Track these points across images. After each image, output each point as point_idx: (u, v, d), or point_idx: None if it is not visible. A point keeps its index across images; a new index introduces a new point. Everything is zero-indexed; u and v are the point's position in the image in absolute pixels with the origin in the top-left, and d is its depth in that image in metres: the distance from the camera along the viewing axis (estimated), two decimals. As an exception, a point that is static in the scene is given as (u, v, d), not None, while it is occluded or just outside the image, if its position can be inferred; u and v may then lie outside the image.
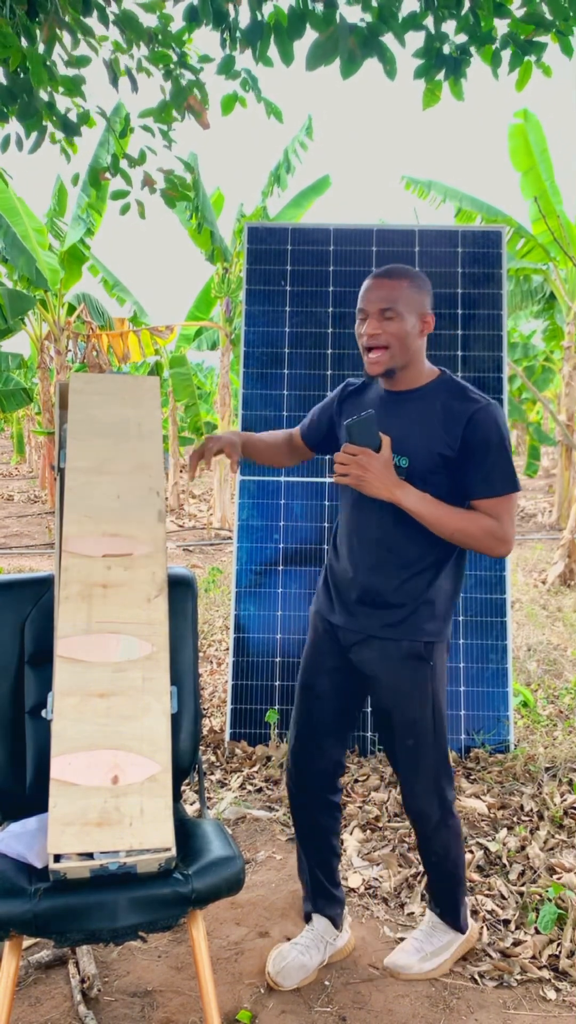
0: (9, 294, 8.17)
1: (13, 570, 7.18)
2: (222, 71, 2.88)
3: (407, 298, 1.76)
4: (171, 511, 12.31)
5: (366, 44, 2.51)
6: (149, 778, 1.55)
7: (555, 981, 2.03)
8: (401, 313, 1.75)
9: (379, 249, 3.51)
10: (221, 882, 1.59)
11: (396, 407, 1.84)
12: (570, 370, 8.68)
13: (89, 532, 1.73)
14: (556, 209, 7.88)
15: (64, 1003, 1.93)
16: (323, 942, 2.06)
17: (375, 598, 1.86)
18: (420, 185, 8.49)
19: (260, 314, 3.50)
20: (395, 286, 1.76)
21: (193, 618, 1.99)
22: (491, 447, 1.75)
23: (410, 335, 1.77)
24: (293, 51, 2.62)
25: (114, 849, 1.48)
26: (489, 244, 3.51)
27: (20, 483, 17.10)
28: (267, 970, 2.01)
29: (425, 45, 2.63)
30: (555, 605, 6.16)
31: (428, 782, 1.93)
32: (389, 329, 1.76)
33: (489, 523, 1.76)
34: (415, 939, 2.09)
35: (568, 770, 3.12)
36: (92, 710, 1.59)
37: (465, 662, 3.34)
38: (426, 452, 1.77)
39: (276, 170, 9.16)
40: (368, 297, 1.77)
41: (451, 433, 1.76)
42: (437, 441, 1.77)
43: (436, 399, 1.81)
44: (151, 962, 2.08)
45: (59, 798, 1.50)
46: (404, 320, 1.76)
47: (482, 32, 2.56)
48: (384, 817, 2.79)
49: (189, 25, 2.69)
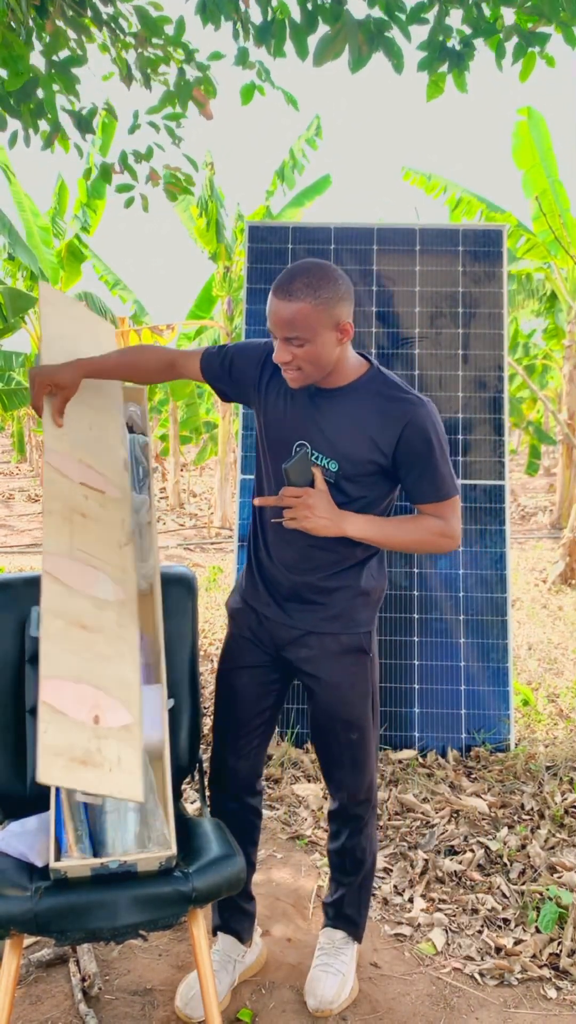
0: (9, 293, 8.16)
1: (14, 569, 7.18)
2: (238, 62, 2.91)
3: (313, 322, 1.57)
4: (171, 510, 12.30)
5: (373, 39, 2.51)
6: (124, 727, 1.51)
7: (556, 980, 2.03)
8: (307, 338, 1.59)
9: (379, 247, 3.51)
10: (222, 881, 1.59)
11: (324, 404, 1.72)
12: (571, 369, 8.68)
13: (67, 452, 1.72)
14: (558, 208, 7.87)
15: (65, 1001, 1.93)
16: (230, 961, 1.96)
17: (309, 595, 1.81)
18: (421, 175, 8.47)
19: (261, 313, 3.50)
20: (296, 311, 1.56)
21: (193, 617, 1.99)
22: (432, 452, 1.69)
23: (323, 354, 1.62)
24: (308, 45, 2.63)
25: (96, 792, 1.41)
26: (490, 243, 3.51)
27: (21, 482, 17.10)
28: (176, 1004, 1.89)
29: (429, 38, 2.64)
30: (556, 604, 6.16)
31: (369, 778, 1.91)
32: (299, 354, 1.61)
33: (436, 524, 1.73)
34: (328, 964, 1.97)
35: (569, 769, 3.12)
36: (77, 640, 1.54)
37: (466, 661, 3.34)
38: (357, 457, 1.70)
39: (282, 168, 9.15)
40: (272, 320, 1.61)
41: (385, 438, 1.69)
42: (369, 446, 1.69)
43: (367, 398, 1.71)
44: (152, 960, 2.08)
45: (49, 724, 1.42)
46: (314, 343, 1.60)
47: (487, 23, 2.56)
48: (384, 816, 2.79)
49: (203, 19, 2.70)
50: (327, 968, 1.95)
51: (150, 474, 2.01)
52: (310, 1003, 1.91)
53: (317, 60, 2.55)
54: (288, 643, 1.85)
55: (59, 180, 10.62)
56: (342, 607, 1.81)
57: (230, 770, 1.92)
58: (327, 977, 1.93)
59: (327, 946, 2.01)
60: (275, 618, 1.84)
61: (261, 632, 1.87)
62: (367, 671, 1.86)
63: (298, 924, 2.25)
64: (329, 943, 2.01)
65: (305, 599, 1.82)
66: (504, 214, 8.14)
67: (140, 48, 2.93)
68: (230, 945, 1.99)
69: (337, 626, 1.82)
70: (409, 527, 1.75)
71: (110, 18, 2.86)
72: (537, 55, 2.61)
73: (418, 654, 3.34)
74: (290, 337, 1.59)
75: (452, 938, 2.19)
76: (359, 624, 1.83)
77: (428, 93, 2.82)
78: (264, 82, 3.03)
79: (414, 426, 1.67)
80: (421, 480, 1.72)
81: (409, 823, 2.74)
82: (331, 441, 1.71)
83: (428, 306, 3.49)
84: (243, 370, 1.82)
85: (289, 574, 1.81)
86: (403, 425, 1.67)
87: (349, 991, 1.95)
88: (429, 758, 3.21)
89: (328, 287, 1.58)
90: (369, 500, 1.75)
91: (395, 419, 1.68)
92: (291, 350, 1.61)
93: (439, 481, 1.72)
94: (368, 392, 1.71)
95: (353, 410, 1.71)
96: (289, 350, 1.61)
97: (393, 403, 1.69)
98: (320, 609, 1.81)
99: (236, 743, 1.91)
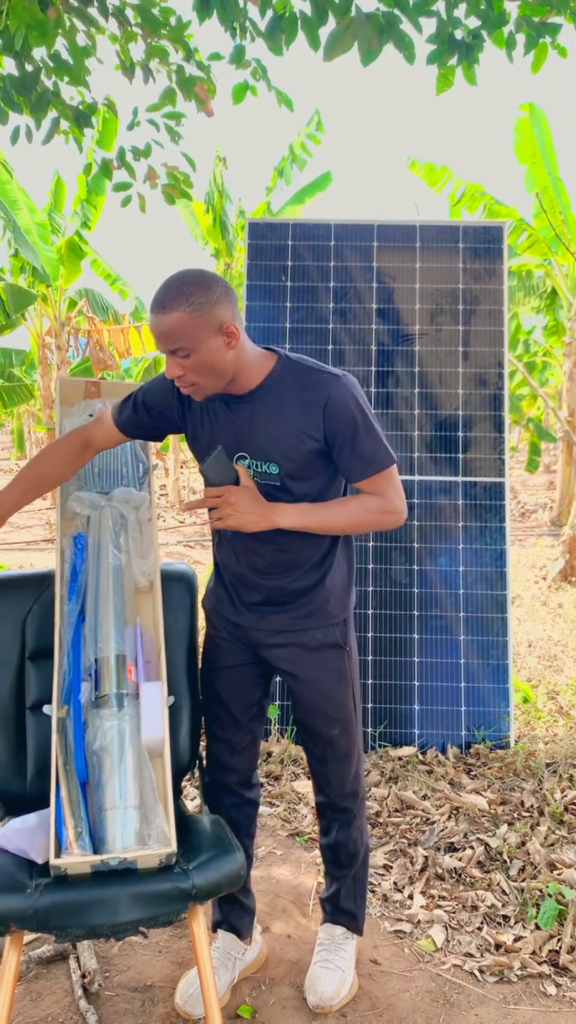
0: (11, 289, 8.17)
1: (15, 566, 7.18)
2: (234, 60, 2.89)
3: (192, 330, 1.53)
4: (172, 507, 12.31)
5: (383, 32, 2.51)
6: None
7: (555, 977, 2.04)
8: (192, 347, 1.54)
9: (380, 244, 3.51)
10: (221, 878, 1.59)
11: (245, 410, 1.68)
12: (571, 366, 8.67)
13: None
14: (559, 204, 7.86)
15: (65, 998, 1.93)
16: (230, 959, 1.96)
17: (279, 597, 1.81)
18: (426, 165, 8.43)
19: (261, 309, 3.50)
20: (173, 321, 1.52)
21: (193, 614, 1.99)
22: (356, 425, 1.65)
23: (214, 361, 1.57)
24: (319, 38, 2.62)
25: None
26: (491, 239, 3.50)
27: (21, 479, 17.08)
28: (175, 1001, 1.90)
29: (437, 30, 2.62)
30: (556, 601, 6.17)
31: (355, 769, 1.92)
32: (188, 366, 1.57)
33: (375, 502, 1.69)
34: (328, 960, 1.98)
35: (569, 766, 3.12)
36: None
37: (466, 658, 3.34)
38: (293, 451, 1.66)
39: (281, 165, 9.14)
40: (154, 337, 1.55)
41: (311, 423, 1.64)
42: (299, 436, 1.65)
43: (283, 390, 1.66)
44: (152, 957, 2.08)
45: None
46: (199, 351, 1.55)
47: (495, 16, 2.55)
48: (384, 813, 2.79)
49: (200, 16, 2.69)
50: (327, 964, 1.96)
51: (150, 471, 2.01)
52: (310, 999, 1.92)
53: (327, 55, 2.54)
54: (263, 645, 1.85)
55: (56, 176, 10.60)
56: (312, 606, 1.81)
57: (226, 766, 1.93)
58: (327, 973, 1.94)
59: (327, 942, 2.01)
60: (247, 624, 1.84)
61: (237, 634, 1.87)
62: (345, 664, 1.86)
63: (298, 921, 2.25)
64: (329, 939, 2.01)
65: (275, 602, 1.81)
66: (509, 208, 8.13)
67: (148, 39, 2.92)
68: (230, 942, 1.99)
69: (309, 623, 1.81)
70: (344, 508, 1.70)
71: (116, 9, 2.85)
72: (549, 46, 2.60)
73: (418, 651, 3.34)
74: (173, 349, 1.55)
75: (452, 935, 2.20)
76: (330, 617, 1.82)
77: (438, 86, 2.80)
78: (259, 81, 3.02)
79: (334, 402, 1.63)
80: (352, 457, 1.67)
81: (409, 820, 2.75)
82: (263, 445, 1.68)
83: (428, 303, 3.48)
84: (160, 405, 1.77)
85: (259, 578, 1.80)
86: (323, 404, 1.63)
87: (349, 987, 1.96)
88: (429, 755, 3.21)
89: (200, 292, 1.53)
90: (316, 495, 1.72)
91: (314, 401, 1.64)
92: (179, 362, 1.56)
93: (368, 454, 1.67)
94: (282, 385, 1.67)
95: (273, 407, 1.66)
96: (178, 363, 1.56)
97: (309, 387, 1.65)
98: (291, 609, 1.81)
99: (230, 740, 1.91)
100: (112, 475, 1.97)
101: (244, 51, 2.87)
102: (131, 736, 1.68)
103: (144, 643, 1.81)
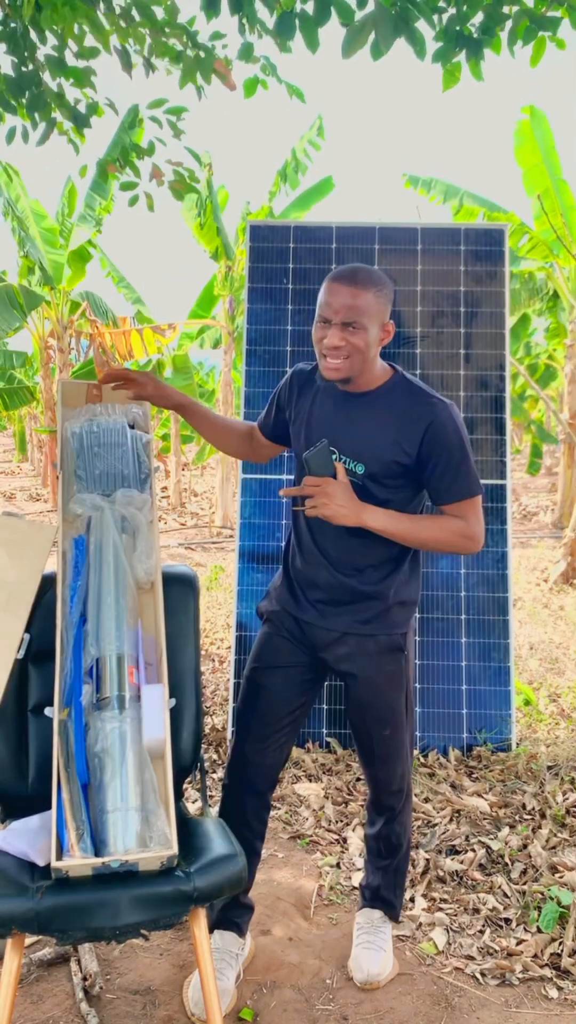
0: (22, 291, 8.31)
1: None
2: (242, 57, 2.89)
3: (372, 310, 1.68)
4: (173, 509, 12.31)
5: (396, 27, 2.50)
6: None
7: (557, 980, 2.03)
8: (365, 326, 1.68)
9: (381, 247, 3.51)
10: (223, 880, 1.59)
11: (351, 409, 1.80)
12: (573, 368, 8.67)
13: None
14: (561, 206, 7.86)
15: (66, 1001, 1.93)
16: (232, 956, 1.98)
17: (347, 596, 1.86)
18: (421, 182, 8.47)
19: (262, 312, 3.50)
20: (361, 296, 1.66)
21: (195, 616, 1.99)
22: (454, 452, 1.75)
23: (371, 347, 1.72)
24: (319, 38, 2.62)
25: None
26: (492, 242, 3.51)
27: (22, 481, 17.12)
28: (188, 1009, 1.89)
29: (445, 27, 2.62)
30: (557, 603, 6.16)
31: (403, 769, 1.98)
32: (352, 341, 1.69)
33: (458, 525, 1.78)
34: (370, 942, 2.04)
35: (570, 768, 3.12)
36: None
37: (467, 660, 3.34)
38: (383, 458, 1.76)
39: (284, 168, 9.14)
40: (332, 305, 1.68)
41: (409, 439, 1.74)
42: (394, 448, 1.75)
43: (392, 402, 1.78)
44: (153, 960, 2.08)
45: None
46: (368, 332, 1.69)
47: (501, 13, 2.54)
48: (386, 815, 2.79)
49: (208, 14, 2.69)
50: (370, 945, 2.03)
51: (152, 473, 2.01)
52: (357, 977, 1.99)
53: (346, 51, 2.53)
54: (327, 644, 1.90)
55: (68, 182, 10.60)
56: (379, 609, 1.86)
57: (255, 766, 1.95)
58: (371, 953, 2.02)
59: (366, 925, 2.08)
60: (313, 621, 1.90)
61: (299, 634, 1.92)
62: (402, 668, 1.92)
63: (299, 924, 2.25)
64: (368, 922, 2.08)
65: (342, 602, 1.87)
66: (508, 214, 8.13)
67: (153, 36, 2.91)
68: (230, 941, 2.00)
69: (374, 627, 1.87)
70: (429, 524, 1.79)
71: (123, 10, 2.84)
72: (548, 39, 2.59)
73: (420, 654, 3.33)
74: (348, 322, 1.67)
75: (453, 938, 2.19)
76: (395, 626, 1.89)
77: (444, 83, 2.80)
78: (269, 76, 3.01)
79: (437, 426, 1.73)
80: (443, 479, 1.76)
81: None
82: (357, 444, 1.78)
83: (430, 305, 3.48)
84: (282, 398, 1.95)
85: (328, 575, 1.86)
86: (426, 425, 1.73)
87: (391, 966, 2.04)
88: (431, 757, 3.21)
89: (385, 286, 1.72)
90: (394, 503, 1.80)
91: (418, 420, 1.74)
92: (345, 335, 1.68)
93: (460, 480, 1.77)
94: (393, 396, 1.78)
95: (379, 414, 1.77)
96: (344, 335, 1.68)
97: (417, 406, 1.76)
98: (354, 611, 1.87)
99: (265, 741, 1.94)
100: (113, 477, 1.97)
101: (252, 47, 2.87)
102: (132, 738, 1.68)
103: (145, 645, 1.81)
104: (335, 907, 2.33)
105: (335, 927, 2.24)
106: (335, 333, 1.68)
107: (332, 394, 1.83)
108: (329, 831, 2.73)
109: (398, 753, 1.96)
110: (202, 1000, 1.86)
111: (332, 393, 1.83)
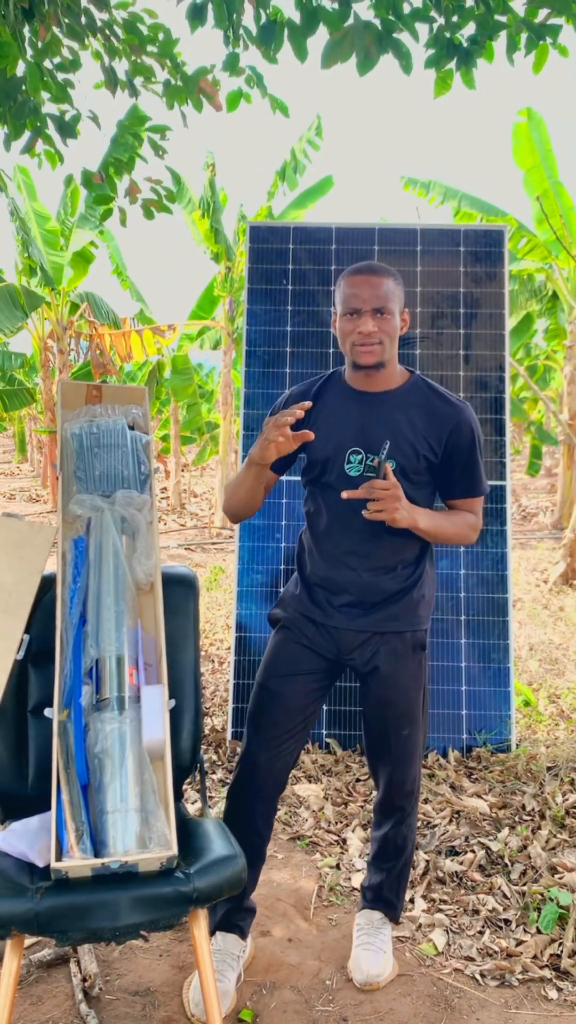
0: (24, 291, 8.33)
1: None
2: (227, 68, 2.87)
3: (395, 296, 1.80)
4: (173, 510, 12.31)
5: (381, 41, 2.51)
6: None
7: (556, 981, 2.03)
8: (392, 311, 1.80)
9: (381, 248, 3.51)
10: (223, 881, 1.59)
11: (375, 408, 1.87)
12: (572, 369, 8.67)
13: None
14: (559, 208, 7.86)
15: (66, 1002, 1.93)
16: (234, 958, 1.97)
17: (377, 596, 1.89)
18: (419, 185, 8.47)
19: (262, 313, 3.50)
20: (383, 283, 1.78)
21: (194, 617, 1.99)
22: (473, 451, 1.87)
23: (397, 331, 1.83)
24: (307, 48, 2.62)
25: None
26: (491, 243, 3.51)
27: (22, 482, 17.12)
28: (188, 1010, 1.88)
29: (435, 35, 2.63)
30: (557, 604, 6.16)
31: (416, 770, 1.99)
32: (383, 327, 1.79)
33: (471, 519, 1.90)
34: (370, 943, 2.04)
35: (570, 769, 3.12)
36: None
37: (467, 661, 3.34)
38: (412, 454, 1.84)
39: (283, 169, 9.14)
40: (361, 296, 1.78)
41: (435, 437, 1.84)
42: (421, 444, 1.84)
43: (416, 401, 1.87)
44: (152, 961, 2.08)
45: None
46: (394, 317, 1.81)
47: (492, 23, 2.55)
48: (386, 816, 2.79)
49: (192, 24, 2.68)
50: (369, 946, 2.03)
51: (152, 474, 2.01)
52: (357, 978, 1.99)
53: (325, 63, 2.54)
54: (355, 647, 1.91)
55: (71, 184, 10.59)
56: (404, 606, 1.90)
57: (267, 773, 1.95)
58: (370, 954, 2.02)
59: (366, 926, 2.08)
60: (341, 625, 1.91)
61: (320, 640, 1.93)
62: (422, 667, 1.96)
63: (299, 925, 2.25)
64: (368, 923, 2.08)
65: (371, 602, 1.89)
66: (505, 217, 8.14)
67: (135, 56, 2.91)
68: (232, 943, 2.00)
69: (401, 624, 1.90)
70: (455, 519, 1.88)
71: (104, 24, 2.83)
72: (550, 47, 2.60)
73: (419, 654, 3.33)
74: (378, 308, 1.77)
75: (453, 939, 2.19)
76: (422, 621, 1.93)
77: (436, 90, 2.81)
78: (254, 89, 3.00)
79: (462, 426, 1.85)
80: (462, 477, 1.88)
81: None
82: (388, 441, 1.83)
83: (429, 306, 3.49)
84: None
85: (355, 576, 1.88)
86: (452, 425, 1.84)
87: (391, 967, 2.04)
88: (430, 759, 3.21)
89: (398, 277, 1.84)
90: (419, 500, 1.85)
91: (444, 419, 1.84)
92: (377, 321, 1.78)
93: (476, 478, 1.89)
94: (415, 395, 1.87)
95: (404, 411, 1.85)
96: (376, 321, 1.78)
97: (441, 405, 1.86)
98: (381, 608, 1.89)
99: (279, 748, 1.94)
100: (113, 478, 1.97)
101: (238, 58, 2.86)
102: (132, 739, 1.68)
103: (145, 646, 1.81)
104: (335, 908, 2.33)
105: (335, 928, 2.24)
106: (367, 320, 1.77)
107: (351, 396, 1.89)
108: (329, 832, 2.73)
109: (414, 753, 1.97)
110: (202, 1001, 1.87)
111: (350, 395, 1.89)
